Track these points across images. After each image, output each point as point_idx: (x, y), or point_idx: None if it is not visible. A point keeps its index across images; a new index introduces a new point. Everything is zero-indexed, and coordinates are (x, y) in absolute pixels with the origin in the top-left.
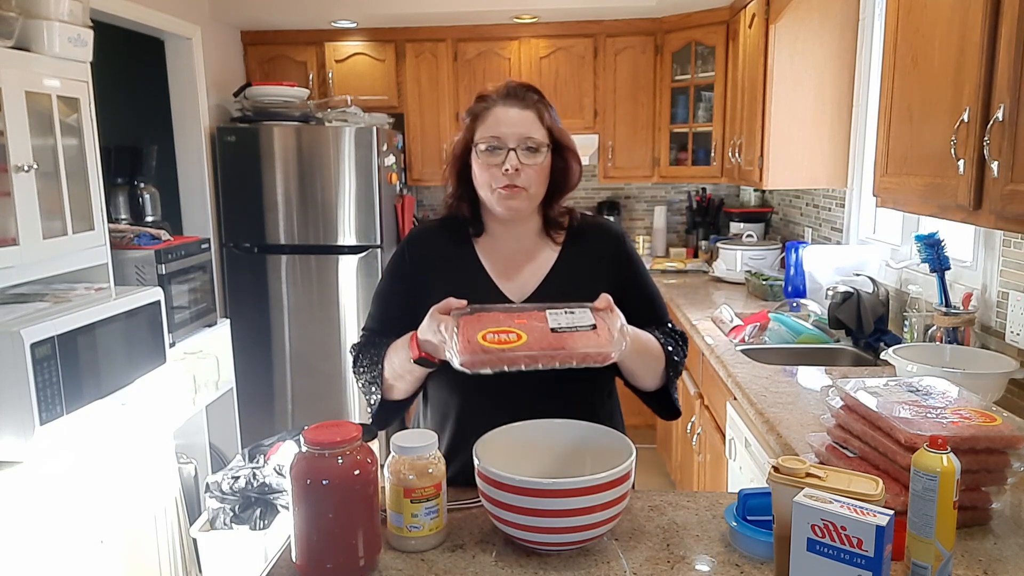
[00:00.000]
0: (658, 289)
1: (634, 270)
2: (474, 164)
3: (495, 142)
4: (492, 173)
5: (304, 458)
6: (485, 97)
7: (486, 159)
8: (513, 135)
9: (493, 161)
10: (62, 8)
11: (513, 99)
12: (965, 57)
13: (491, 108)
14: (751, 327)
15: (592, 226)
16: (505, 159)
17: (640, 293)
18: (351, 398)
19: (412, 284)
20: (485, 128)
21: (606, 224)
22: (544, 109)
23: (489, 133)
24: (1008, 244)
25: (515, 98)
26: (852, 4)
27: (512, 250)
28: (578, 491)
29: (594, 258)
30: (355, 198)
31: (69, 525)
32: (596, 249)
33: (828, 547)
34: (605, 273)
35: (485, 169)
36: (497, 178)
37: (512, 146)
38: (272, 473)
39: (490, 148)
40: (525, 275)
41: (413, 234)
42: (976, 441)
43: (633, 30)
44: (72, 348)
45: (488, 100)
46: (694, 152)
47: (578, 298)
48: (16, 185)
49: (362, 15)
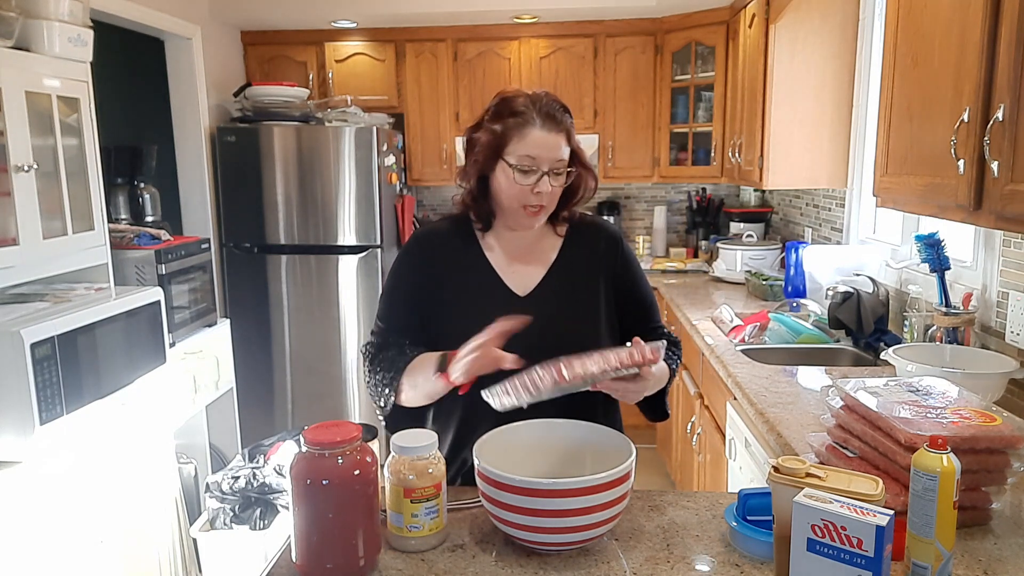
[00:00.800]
0: (652, 290)
1: (631, 270)
2: (500, 174)
3: (530, 164)
4: (521, 191)
5: (304, 458)
6: (519, 111)
7: (517, 178)
8: (548, 159)
9: (525, 181)
10: (62, 8)
11: (552, 122)
12: (965, 57)
13: (529, 128)
14: (751, 327)
15: (590, 225)
16: (537, 182)
17: (635, 294)
18: (351, 398)
19: (421, 281)
20: (522, 146)
21: (604, 224)
22: (572, 129)
23: (525, 153)
24: (1008, 244)
25: (553, 121)
26: (852, 4)
27: (516, 246)
28: (578, 491)
29: (593, 256)
30: (355, 198)
31: (69, 525)
32: (595, 248)
33: (828, 547)
34: (603, 270)
35: (514, 185)
36: (526, 197)
37: (546, 169)
38: (272, 473)
39: (524, 169)
40: (528, 271)
41: (420, 233)
42: (976, 441)
43: (633, 30)
44: (72, 348)
45: (525, 116)
46: (694, 152)
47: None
48: (16, 185)
49: (362, 15)
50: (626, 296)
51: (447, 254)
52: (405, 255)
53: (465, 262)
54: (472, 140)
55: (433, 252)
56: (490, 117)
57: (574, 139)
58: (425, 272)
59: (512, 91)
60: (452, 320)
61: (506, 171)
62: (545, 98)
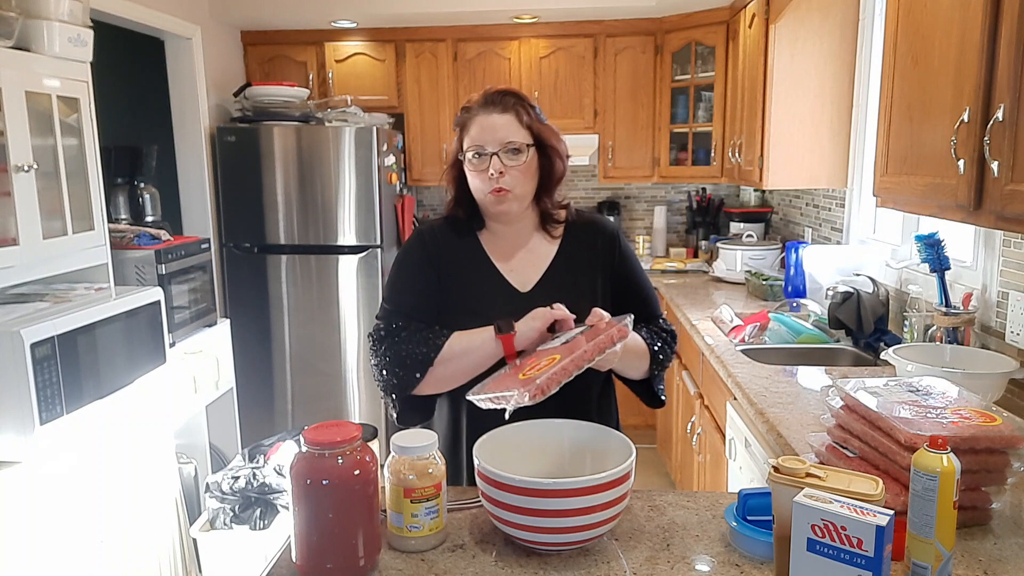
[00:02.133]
0: (651, 284)
1: (629, 265)
2: (467, 171)
3: (479, 149)
4: (481, 178)
5: (304, 458)
6: (468, 108)
7: (474, 166)
8: (494, 140)
9: (480, 167)
10: (62, 8)
11: (491, 106)
12: (965, 57)
13: (473, 117)
14: (751, 327)
15: (588, 222)
16: (489, 164)
17: (634, 288)
18: (351, 398)
19: (427, 271)
20: (469, 137)
21: (602, 220)
22: (523, 110)
23: (473, 142)
24: (1008, 244)
25: (493, 104)
26: (852, 4)
27: (513, 244)
28: (578, 491)
29: (591, 252)
30: (355, 198)
31: (69, 525)
32: (593, 243)
33: (828, 547)
34: (601, 266)
35: (475, 175)
36: (486, 183)
37: (494, 151)
38: (272, 473)
39: (476, 155)
40: (528, 267)
41: (422, 228)
42: (976, 441)
43: (633, 30)
44: (72, 348)
45: (471, 110)
46: (694, 152)
47: (578, 289)
48: (16, 185)
49: (362, 15)
50: (625, 290)
51: (449, 249)
52: (409, 247)
53: (466, 258)
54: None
55: (436, 246)
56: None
57: (528, 119)
58: (430, 264)
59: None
60: (454, 315)
61: (467, 165)
62: (496, 89)
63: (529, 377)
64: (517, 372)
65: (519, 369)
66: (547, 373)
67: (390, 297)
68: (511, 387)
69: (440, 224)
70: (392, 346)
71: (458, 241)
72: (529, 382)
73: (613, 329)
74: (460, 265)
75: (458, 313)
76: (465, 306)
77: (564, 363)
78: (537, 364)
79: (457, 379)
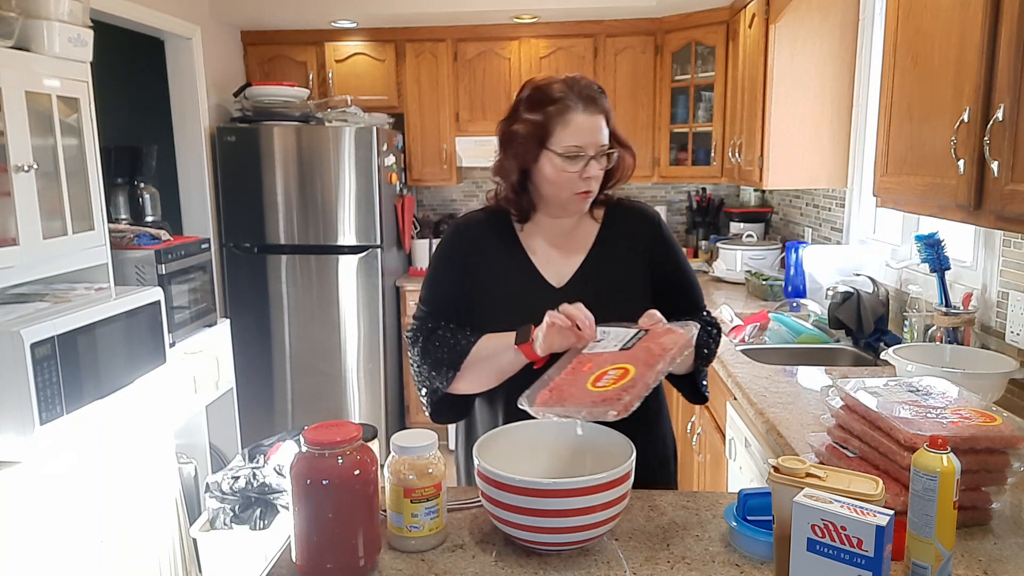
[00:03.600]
0: (694, 274)
1: (671, 254)
2: (545, 164)
3: (577, 151)
4: (569, 178)
5: (304, 458)
6: (558, 98)
7: (564, 164)
8: (593, 143)
9: (572, 168)
10: (62, 8)
11: (592, 105)
12: (965, 57)
13: (572, 113)
14: (751, 327)
15: (629, 209)
16: (585, 167)
17: (676, 277)
18: (351, 398)
19: (462, 267)
20: (567, 134)
21: (642, 207)
22: (610, 110)
23: (572, 142)
24: (1008, 244)
25: (593, 104)
26: (852, 4)
27: (554, 234)
28: (578, 491)
29: (631, 242)
30: (355, 198)
31: (69, 525)
32: (633, 232)
33: (828, 547)
34: (641, 256)
35: (560, 172)
36: (575, 184)
37: (592, 154)
38: (272, 473)
39: (573, 156)
40: (565, 261)
41: (459, 222)
42: (976, 441)
43: (633, 30)
44: (72, 348)
45: (566, 102)
46: (694, 152)
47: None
48: (16, 185)
49: (362, 15)
50: (666, 279)
51: (485, 244)
52: (446, 242)
53: (502, 253)
54: (510, 133)
55: (472, 241)
56: (526, 107)
57: (612, 119)
58: (465, 259)
59: (544, 79)
60: (487, 310)
61: (552, 160)
62: (582, 81)
63: (605, 391)
64: (579, 379)
65: (579, 375)
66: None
67: (425, 298)
68: (579, 399)
69: (479, 216)
70: (425, 347)
71: (495, 235)
72: (611, 400)
73: (682, 339)
74: (495, 259)
75: (490, 309)
76: (497, 302)
77: (647, 380)
78: (602, 371)
79: (487, 381)
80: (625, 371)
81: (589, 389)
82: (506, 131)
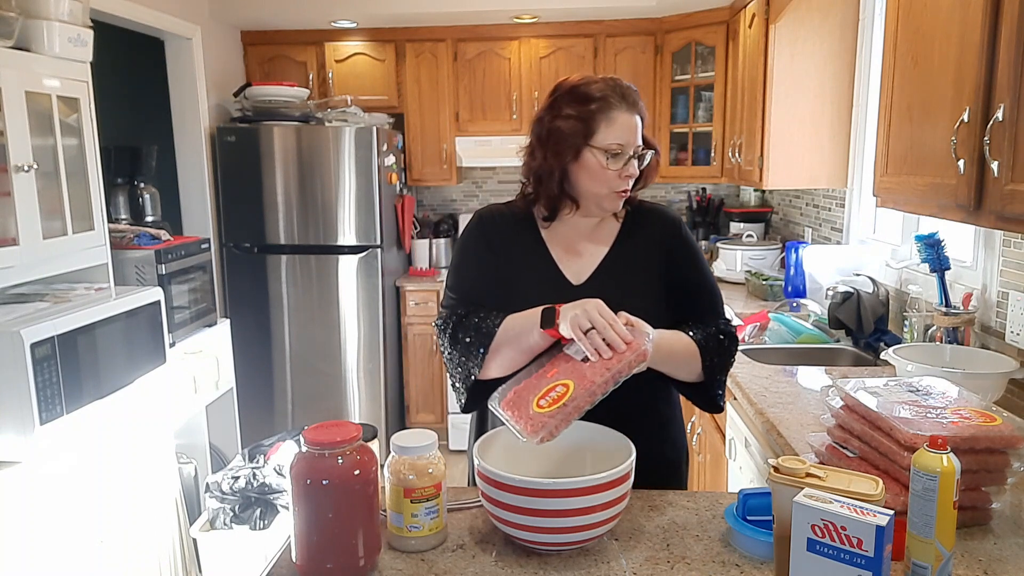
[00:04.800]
0: (714, 280)
1: (690, 258)
2: (588, 160)
3: (620, 149)
4: (608, 177)
5: (304, 458)
6: (599, 96)
7: (606, 164)
8: (633, 143)
9: (615, 166)
10: (62, 8)
11: (632, 105)
12: (965, 57)
13: (616, 112)
14: (751, 327)
15: (650, 211)
16: (625, 165)
17: (694, 282)
18: (351, 398)
19: (486, 255)
20: (610, 132)
21: (663, 210)
22: (645, 113)
23: (614, 140)
24: (1008, 244)
25: (632, 104)
26: (852, 4)
27: (577, 232)
28: (578, 491)
29: (650, 244)
30: (355, 198)
31: (69, 525)
32: (652, 235)
33: (828, 547)
34: (659, 259)
35: (604, 171)
36: (615, 182)
37: (631, 153)
38: (272, 473)
39: (615, 155)
40: (585, 259)
41: (482, 212)
42: (976, 441)
43: (633, 30)
44: (72, 348)
45: (609, 101)
46: (694, 152)
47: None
48: (16, 185)
49: (362, 15)
50: (683, 284)
51: (507, 236)
52: (471, 229)
53: (523, 247)
54: (551, 130)
55: (495, 232)
56: (568, 104)
57: (646, 121)
58: (488, 248)
59: (580, 78)
60: (505, 302)
61: (595, 157)
62: (622, 82)
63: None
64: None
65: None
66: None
67: (453, 285)
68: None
69: (502, 208)
70: (455, 334)
71: (518, 228)
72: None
73: (631, 355)
74: (516, 253)
75: (508, 301)
76: (516, 295)
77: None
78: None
79: (517, 361)
80: (566, 389)
81: (532, 409)
82: (546, 127)
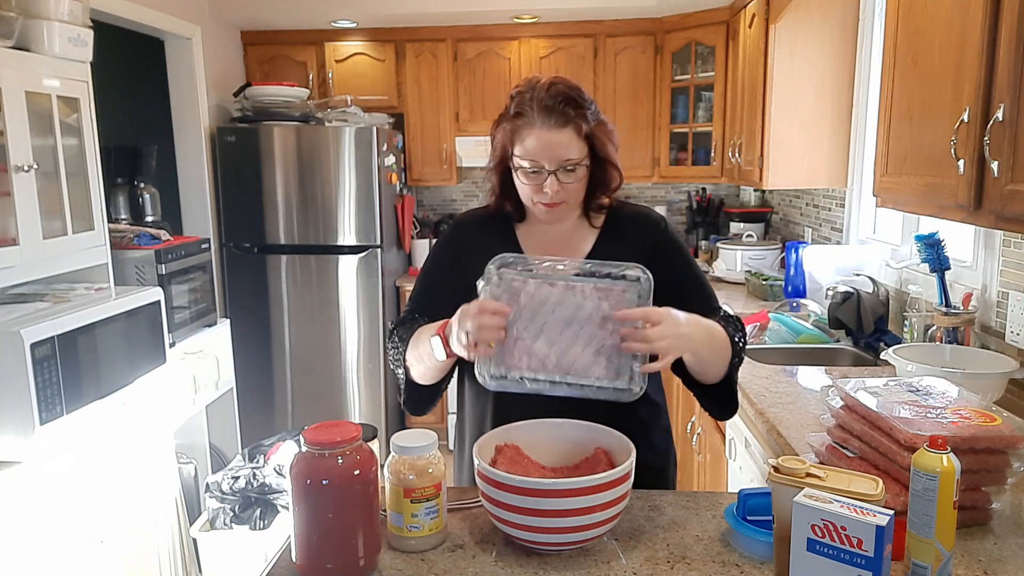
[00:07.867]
0: (704, 278)
1: (676, 256)
2: (516, 176)
3: (535, 166)
4: (534, 190)
5: (304, 458)
6: (519, 110)
7: (528, 178)
8: (552, 159)
9: (533, 181)
10: (62, 8)
11: (551, 118)
12: (965, 57)
13: (530, 128)
14: (751, 327)
15: (631, 215)
16: (544, 183)
17: (684, 279)
18: (351, 398)
19: (454, 265)
20: (524, 149)
21: (646, 212)
22: (583, 122)
23: (529, 155)
24: (1008, 244)
25: (553, 117)
26: (852, 4)
27: (551, 237)
28: (578, 491)
29: (631, 248)
30: (355, 198)
31: (69, 525)
32: (633, 239)
33: (828, 547)
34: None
35: (526, 186)
36: (538, 194)
37: (551, 169)
38: (272, 473)
39: (532, 171)
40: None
41: (461, 217)
42: (976, 441)
43: (633, 30)
44: (72, 348)
45: (525, 116)
46: (694, 152)
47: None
48: (16, 185)
49: (362, 15)
50: (674, 282)
51: (481, 241)
52: (441, 240)
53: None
54: (492, 136)
55: (468, 238)
56: (504, 113)
57: (588, 127)
58: (456, 257)
59: (522, 84)
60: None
61: (516, 171)
62: (548, 90)
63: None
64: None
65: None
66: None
67: (413, 293)
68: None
69: (481, 214)
70: (391, 336)
71: (493, 233)
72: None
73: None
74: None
75: None
76: None
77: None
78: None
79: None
80: None
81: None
82: (491, 134)
